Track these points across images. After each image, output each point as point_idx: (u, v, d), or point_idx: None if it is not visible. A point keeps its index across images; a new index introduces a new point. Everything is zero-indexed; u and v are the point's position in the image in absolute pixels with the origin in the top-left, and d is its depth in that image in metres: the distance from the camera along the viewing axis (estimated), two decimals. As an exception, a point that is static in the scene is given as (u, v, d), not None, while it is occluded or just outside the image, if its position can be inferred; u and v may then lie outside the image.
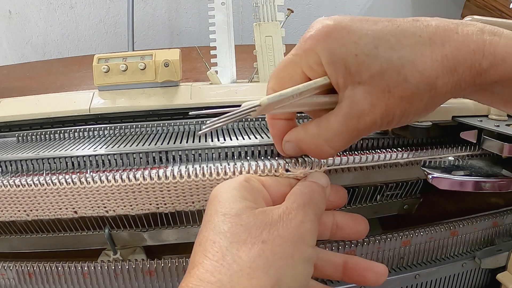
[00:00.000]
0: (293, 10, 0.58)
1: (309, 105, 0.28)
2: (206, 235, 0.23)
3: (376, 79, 0.24)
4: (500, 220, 0.45)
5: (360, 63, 0.24)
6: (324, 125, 0.27)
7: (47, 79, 0.94)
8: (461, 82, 0.25)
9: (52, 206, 0.34)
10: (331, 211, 0.30)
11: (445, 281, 0.43)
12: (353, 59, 0.24)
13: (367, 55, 0.24)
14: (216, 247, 0.22)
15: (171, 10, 1.50)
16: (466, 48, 0.24)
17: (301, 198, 0.26)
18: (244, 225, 0.23)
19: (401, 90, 0.24)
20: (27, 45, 1.48)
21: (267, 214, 0.24)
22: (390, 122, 0.26)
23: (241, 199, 0.25)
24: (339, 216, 0.30)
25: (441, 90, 0.25)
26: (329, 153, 0.28)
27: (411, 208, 0.45)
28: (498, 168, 0.37)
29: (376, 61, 0.24)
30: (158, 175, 0.33)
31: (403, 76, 0.24)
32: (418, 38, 0.25)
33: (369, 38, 0.24)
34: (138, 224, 0.39)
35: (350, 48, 0.24)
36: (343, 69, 0.25)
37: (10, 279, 0.37)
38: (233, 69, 0.57)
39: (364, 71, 0.24)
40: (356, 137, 0.27)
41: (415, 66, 0.24)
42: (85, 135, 0.45)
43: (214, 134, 0.44)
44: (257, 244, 0.22)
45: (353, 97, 0.25)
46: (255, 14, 0.56)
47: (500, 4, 1.30)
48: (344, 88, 0.25)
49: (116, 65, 0.47)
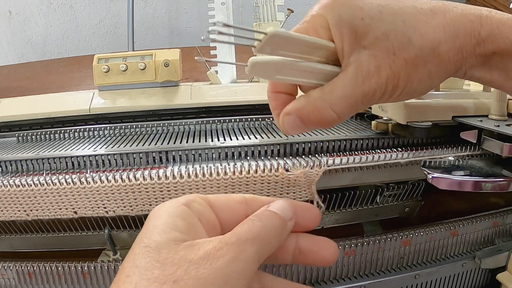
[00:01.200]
0: (293, 10, 0.58)
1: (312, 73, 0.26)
2: (125, 265, 0.22)
3: (381, 41, 0.25)
4: (500, 220, 0.45)
5: (365, 26, 0.25)
6: (328, 88, 0.26)
7: (47, 79, 0.94)
8: (462, 50, 0.26)
9: (52, 206, 0.34)
10: (295, 234, 0.26)
11: (445, 281, 0.43)
12: (359, 22, 0.25)
13: (372, 18, 0.25)
14: (128, 282, 0.20)
15: (171, 10, 1.50)
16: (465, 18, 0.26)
17: (246, 231, 0.23)
18: (160, 261, 0.21)
19: (406, 52, 0.25)
20: (27, 45, 1.48)
21: (192, 249, 0.21)
22: (395, 88, 0.26)
23: (169, 229, 0.22)
24: (303, 240, 0.26)
25: (444, 56, 0.25)
26: (332, 118, 0.26)
27: (413, 210, 0.45)
28: (498, 168, 0.37)
29: (381, 24, 0.25)
30: (158, 175, 0.33)
31: (407, 38, 0.25)
32: (419, 9, 0.26)
33: (374, 4, 0.25)
34: (138, 224, 0.39)
35: (356, 11, 0.25)
36: (349, 32, 0.25)
37: (10, 279, 0.37)
38: (233, 69, 0.57)
39: (370, 33, 0.25)
40: (360, 103, 0.26)
41: (417, 30, 0.25)
42: (85, 135, 0.45)
43: (214, 134, 0.44)
44: (166, 284, 0.20)
45: (359, 61, 0.25)
46: (255, 14, 0.56)
47: (500, 4, 1.30)
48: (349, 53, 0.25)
49: (116, 65, 0.47)
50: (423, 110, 0.38)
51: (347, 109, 0.26)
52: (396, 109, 0.38)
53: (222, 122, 0.47)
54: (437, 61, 0.26)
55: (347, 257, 0.39)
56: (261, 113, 0.49)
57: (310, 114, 0.26)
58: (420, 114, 0.38)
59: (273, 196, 0.35)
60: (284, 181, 0.34)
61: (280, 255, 0.26)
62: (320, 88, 0.26)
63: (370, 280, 0.39)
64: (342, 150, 0.39)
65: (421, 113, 0.38)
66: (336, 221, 0.42)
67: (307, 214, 0.27)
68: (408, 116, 0.37)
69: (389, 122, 0.40)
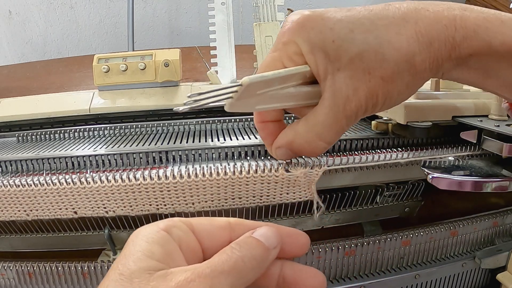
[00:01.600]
0: (293, 10, 0.58)
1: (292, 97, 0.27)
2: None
3: (355, 62, 0.25)
4: (500, 220, 0.45)
5: (338, 48, 0.25)
6: (311, 120, 0.26)
7: (47, 79, 0.94)
8: (438, 58, 0.25)
9: (52, 206, 0.34)
10: (281, 260, 0.24)
11: (445, 281, 0.43)
12: (331, 45, 0.25)
13: (344, 40, 0.25)
14: None
15: (171, 10, 1.50)
16: (438, 23, 0.25)
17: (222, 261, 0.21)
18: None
19: (381, 70, 0.25)
20: (27, 45, 1.48)
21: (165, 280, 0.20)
22: (375, 105, 0.26)
23: (144, 257, 0.21)
24: (289, 268, 0.24)
25: (420, 67, 0.25)
26: (322, 147, 0.27)
27: (413, 211, 0.45)
28: (498, 168, 0.37)
29: (353, 44, 0.25)
30: (158, 175, 0.33)
31: (381, 55, 0.24)
32: (391, 19, 0.25)
33: (344, 23, 0.25)
34: (138, 224, 0.39)
35: (327, 34, 0.25)
36: (323, 57, 0.25)
37: (10, 279, 0.37)
38: (233, 69, 0.57)
39: (343, 55, 0.25)
40: (345, 126, 0.27)
41: (391, 44, 0.25)
42: (85, 135, 0.45)
43: (214, 134, 0.44)
44: None
45: (334, 86, 0.25)
46: (255, 14, 0.56)
47: (500, 4, 1.30)
48: (325, 77, 0.25)
49: (116, 65, 0.47)
50: (423, 110, 0.38)
51: (335, 135, 0.27)
52: (396, 109, 0.38)
53: (222, 122, 0.47)
54: (413, 72, 0.25)
55: (347, 257, 0.39)
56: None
57: (300, 148, 0.27)
58: (420, 114, 0.38)
59: (273, 196, 0.35)
60: (284, 181, 0.34)
61: (263, 283, 0.24)
62: (304, 120, 0.27)
63: (370, 280, 0.39)
64: (342, 150, 0.39)
65: (421, 113, 0.38)
66: (336, 221, 0.42)
67: (295, 241, 0.25)
68: (408, 116, 0.37)
69: (389, 122, 0.40)
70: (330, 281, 0.39)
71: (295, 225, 0.41)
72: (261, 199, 0.35)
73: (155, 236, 0.22)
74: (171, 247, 0.22)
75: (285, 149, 0.28)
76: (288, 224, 0.41)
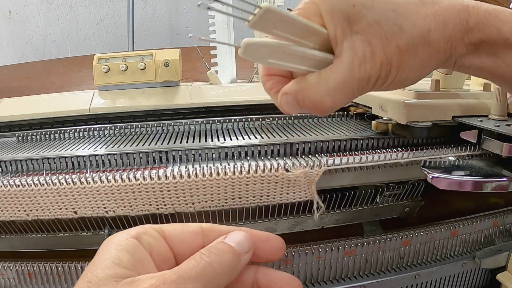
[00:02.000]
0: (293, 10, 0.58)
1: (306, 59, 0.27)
2: None
3: (374, 27, 0.25)
4: (500, 220, 0.45)
5: (357, 12, 0.25)
6: (325, 75, 0.26)
7: (47, 79, 0.94)
8: (452, 39, 0.27)
9: (52, 206, 0.34)
10: (255, 266, 0.24)
11: (445, 281, 0.43)
12: (351, 9, 0.25)
13: (364, 5, 0.25)
14: None
15: (171, 10, 1.50)
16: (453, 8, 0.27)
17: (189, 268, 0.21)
18: None
19: (398, 39, 0.25)
20: (27, 45, 1.48)
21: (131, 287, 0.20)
22: (388, 74, 0.26)
23: (112, 265, 0.21)
24: (263, 273, 0.24)
25: (435, 45, 0.26)
26: (328, 105, 0.26)
27: (413, 210, 0.45)
28: (498, 168, 0.37)
29: (373, 11, 0.26)
30: (158, 175, 0.33)
31: (398, 25, 0.26)
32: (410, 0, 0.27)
33: None
34: (138, 224, 0.39)
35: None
36: (342, 19, 0.26)
37: (10, 279, 0.37)
38: (233, 69, 0.57)
39: (362, 20, 0.25)
40: (356, 90, 0.26)
41: (408, 18, 0.26)
42: (85, 135, 0.45)
43: (214, 134, 0.44)
44: None
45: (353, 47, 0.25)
46: (255, 14, 0.56)
47: (500, 4, 1.30)
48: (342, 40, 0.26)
49: (116, 65, 0.47)
50: (423, 110, 0.38)
51: (344, 96, 0.26)
52: (396, 109, 0.38)
53: (222, 122, 0.47)
54: (427, 49, 0.26)
55: (347, 257, 0.39)
56: (261, 113, 0.49)
57: (306, 99, 0.27)
58: (420, 114, 0.38)
59: (273, 196, 0.35)
60: (284, 181, 0.34)
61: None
62: (317, 73, 0.27)
63: (370, 280, 0.39)
64: (342, 150, 0.39)
65: (421, 113, 0.38)
66: (336, 221, 0.42)
67: (269, 246, 0.24)
68: (408, 116, 0.37)
69: (389, 122, 0.40)
70: (330, 281, 0.39)
71: (295, 225, 0.41)
72: (261, 199, 0.35)
73: (124, 243, 0.22)
74: (141, 254, 0.23)
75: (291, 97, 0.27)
76: (288, 224, 0.41)
